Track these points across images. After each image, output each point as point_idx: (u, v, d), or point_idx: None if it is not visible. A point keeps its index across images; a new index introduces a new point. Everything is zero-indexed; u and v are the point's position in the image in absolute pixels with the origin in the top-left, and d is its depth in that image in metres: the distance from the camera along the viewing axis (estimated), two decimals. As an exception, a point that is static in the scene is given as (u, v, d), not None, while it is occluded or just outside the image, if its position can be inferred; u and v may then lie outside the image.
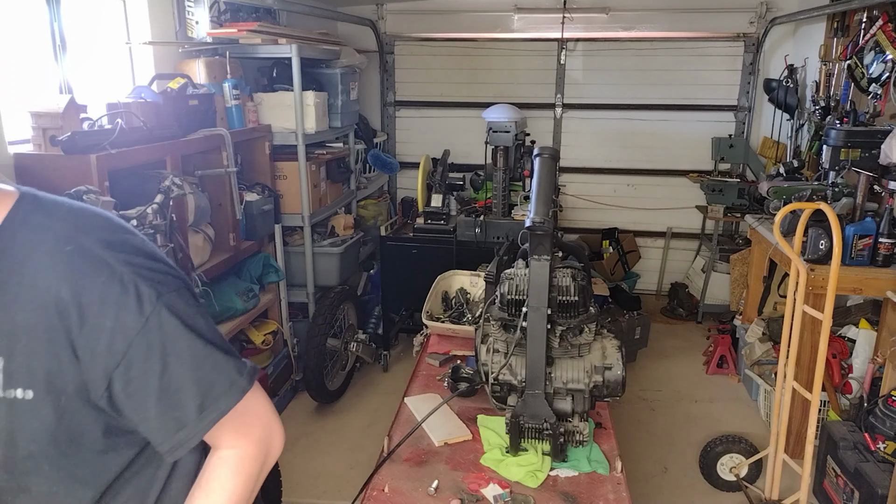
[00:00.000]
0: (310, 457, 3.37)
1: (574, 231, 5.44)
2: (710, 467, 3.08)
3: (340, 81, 4.07)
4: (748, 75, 4.98)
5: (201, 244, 3.01)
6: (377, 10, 5.24)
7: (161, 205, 2.25)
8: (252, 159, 3.58)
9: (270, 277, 3.59)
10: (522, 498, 1.73)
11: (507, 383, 1.93)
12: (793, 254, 2.58)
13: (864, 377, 3.10)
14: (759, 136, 5.06)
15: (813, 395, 2.50)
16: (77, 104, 2.43)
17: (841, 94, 3.77)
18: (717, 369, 4.24)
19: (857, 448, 2.63)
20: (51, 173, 2.26)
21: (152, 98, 2.78)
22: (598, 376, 1.88)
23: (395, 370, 4.34)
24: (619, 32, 5.05)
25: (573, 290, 1.85)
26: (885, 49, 3.29)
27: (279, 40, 3.52)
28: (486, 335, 1.99)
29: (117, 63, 3.15)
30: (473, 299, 3.01)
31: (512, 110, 4.14)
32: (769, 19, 4.73)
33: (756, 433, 3.43)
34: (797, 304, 2.58)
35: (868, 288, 2.99)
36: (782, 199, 3.45)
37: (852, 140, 3.10)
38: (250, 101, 3.54)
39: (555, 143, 5.35)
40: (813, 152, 3.99)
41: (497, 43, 5.22)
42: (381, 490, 1.77)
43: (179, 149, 2.75)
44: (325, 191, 4.04)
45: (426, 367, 2.51)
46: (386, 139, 5.46)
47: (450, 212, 4.35)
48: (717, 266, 4.84)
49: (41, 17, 2.67)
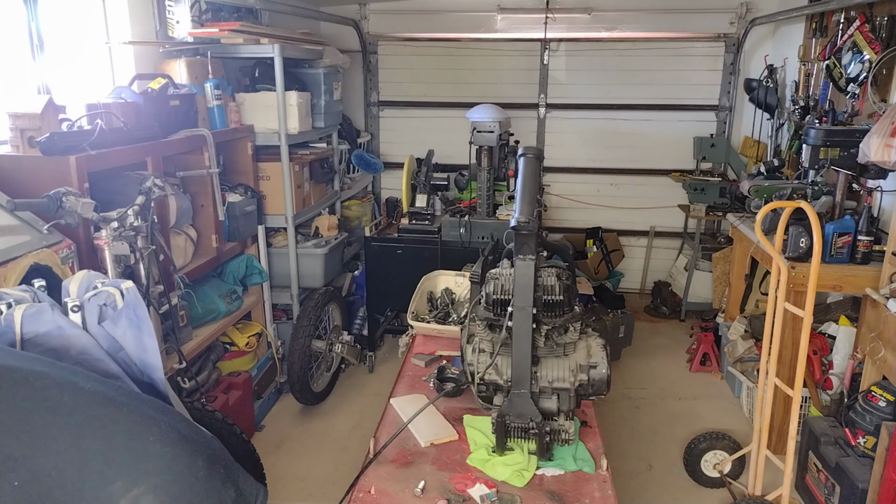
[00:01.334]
0: (295, 459, 3.35)
1: (558, 230, 5.46)
2: (694, 464, 3.11)
3: (323, 81, 4.05)
4: (729, 75, 5.03)
5: (183, 246, 2.98)
6: (360, 9, 5.22)
7: (142, 206, 2.22)
8: (234, 160, 3.55)
9: (254, 279, 3.56)
10: (509, 497, 1.73)
11: (492, 383, 1.93)
12: (774, 252, 2.61)
13: (844, 373, 3.14)
14: (740, 136, 5.11)
15: (794, 392, 2.53)
16: (56, 105, 2.40)
17: (820, 94, 3.82)
18: (700, 367, 4.28)
19: (838, 443, 2.66)
20: (29, 175, 2.23)
21: (133, 98, 2.75)
22: (583, 375, 1.89)
23: (380, 371, 4.33)
24: (602, 33, 5.08)
25: (558, 290, 1.85)
26: (862, 49, 3.34)
27: (261, 40, 3.49)
28: (471, 335, 1.99)
29: (97, 63, 3.11)
30: (458, 299, 3.01)
31: (496, 110, 4.14)
32: (749, 20, 4.79)
33: (739, 430, 3.46)
34: (778, 302, 2.61)
35: (847, 285, 3.04)
36: (763, 197, 3.49)
37: (831, 139, 3.14)
38: (232, 101, 3.51)
39: (539, 143, 5.36)
40: (793, 151, 4.04)
41: (480, 43, 5.22)
42: (368, 492, 1.76)
43: (161, 150, 2.72)
44: (308, 191, 4.02)
45: (412, 368, 2.50)
46: (370, 139, 5.45)
47: (434, 212, 4.35)
48: (699, 264, 4.89)
49: (18, 16, 2.63)
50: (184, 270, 2.87)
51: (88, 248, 2.23)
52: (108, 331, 1.66)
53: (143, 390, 1.65)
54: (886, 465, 2.36)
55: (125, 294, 1.68)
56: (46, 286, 1.76)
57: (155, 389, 1.71)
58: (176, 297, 2.63)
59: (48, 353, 1.59)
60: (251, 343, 3.58)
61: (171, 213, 2.84)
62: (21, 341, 1.58)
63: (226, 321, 3.25)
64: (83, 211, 1.96)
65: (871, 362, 2.79)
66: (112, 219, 2.10)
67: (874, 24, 3.31)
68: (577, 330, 1.91)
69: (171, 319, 2.60)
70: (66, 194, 1.94)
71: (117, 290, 1.69)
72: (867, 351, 2.77)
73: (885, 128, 2.74)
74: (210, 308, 3.14)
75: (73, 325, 1.63)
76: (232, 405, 3.12)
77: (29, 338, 1.58)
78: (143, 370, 1.70)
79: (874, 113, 3.16)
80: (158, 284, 2.44)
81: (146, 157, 2.62)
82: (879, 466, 2.41)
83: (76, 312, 1.66)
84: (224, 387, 3.20)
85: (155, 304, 2.40)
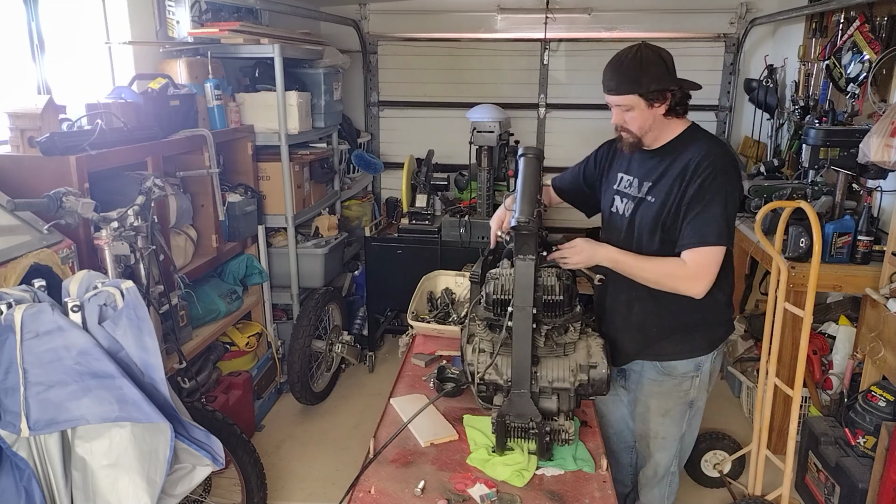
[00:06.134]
0: (295, 459, 3.35)
1: (559, 230, 5.43)
2: (694, 464, 3.11)
3: (324, 81, 4.05)
4: (729, 75, 5.03)
5: (183, 246, 2.98)
6: (360, 9, 5.22)
7: (142, 206, 2.22)
8: (234, 160, 3.55)
9: (254, 279, 3.56)
10: (509, 497, 1.73)
11: (492, 383, 1.93)
12: (774, 252, 2.61)
13: (844, 373, 3.14)
14: (739, 136, 5.11)
15: (794, 392, 2.53)
16: (56, 105, 2.40)
17: (819, 94, 3.82)
18: (700, 367, 4.27)
19: (838, 443, 2.66)
20: (29, 175, 2.23)
21: (133, 98, 2.75)
22: (583, 375, 1.88)
23: (380, 371, 4.33)
24: (602, 33, 5.07)
25: (558, 290, 1.85)
26: (862, 49, 3.34)
27: (261, 40, 3.49)
28: (471, 335, 1.99)
29: (97, 63, 3.11)
30: (459, 299, 3.01)
31: (496, 110, 4.14)
32: (749, 20, 4.78)
33: (739, 430, 3.46)
34: (778, 302, 2.62)
35: (847, 285, 3.04)
36: (763, 197, 3.49)
37: (831, 139, 3.14)
38: (232, 101, 3.51)
39: (539, 143, 5.36)
40: (793, 151, 4.03)
41: (480, 43, 5.22)
42: (368, 491, 1.76)
43: (161, 150, 2.72)
44: (308, 191, 4.02)
45: (412, 368, 2.50)
46: (370, 139, 5.44)
47: (434, 212, 4.35)
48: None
49: (18, 16, 2.63)
50: (184, 270, 2.87)
51: (88, 248, 2.23)
52: (109, 331, 1.67)
53: (143, 390, 1.65)
54: (886, 465, 2.37)
55: (125, 294, 1.69)
56: (46, 286, 1.76)
57: (156, 389, 1.72)
58: (176, 297, 2.63)
59: (48, 353, 1.60)
60: (251, 343, 3.58)
61: (171, 213, 2.84)
62: (21, 341, 1.58)
63: (226, 321, 3.25)
64: (83, 211, 1.96)
65: (871, 362, 2.79)
66: (112, 219, 2.10)
67: (874, 25, 3.31)
68: (577, 330, 1.91)
69: (171, 319, 2.60)
70: (67, 194, 1.94)
71: (117, 290, 1.69)
72: (867, 351, 2.77)
73: (885, 128, 2.74)
74: (210, 308, 3.14)
75: (73, 325, 1.63)
76: (232, 405, 3.12)
77: (29, 338, 1.59)
78: (144, 370, 1.70)
79: (874, 113, 3.16)
80: (158, 284, 2.44)
81: (146, 157, 2.62)
82: (879, 466, 2.41)
83: (76, 312, 1.66)
84: (224, 387, 3.20)
85: (155, 304, 2.40)
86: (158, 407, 1.66)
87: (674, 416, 2.20)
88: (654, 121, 2.01)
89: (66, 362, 1.60)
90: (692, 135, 2.05)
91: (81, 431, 1.65)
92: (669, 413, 2.20)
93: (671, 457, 2.27)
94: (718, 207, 1.90)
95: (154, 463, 1.70)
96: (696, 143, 2.00)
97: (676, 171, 1.97)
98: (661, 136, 2.07)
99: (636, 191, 2.10)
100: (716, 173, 1.92)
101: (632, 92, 1.96)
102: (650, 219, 2.02)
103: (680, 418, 2.21)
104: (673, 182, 1.97)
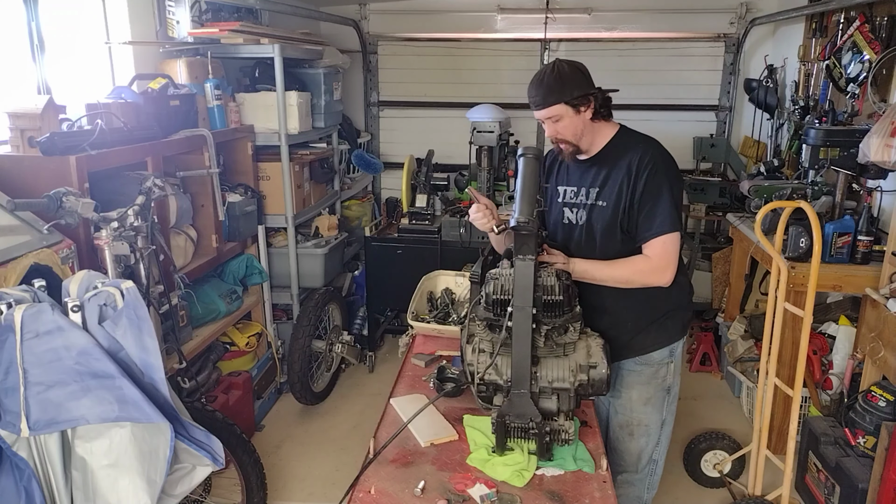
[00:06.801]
0: (295, 459, 3.35)
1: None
2: (694, 464, 3.11)
3: (324, 81, 4.05)
4: (729, 75, 5.03)
5: (183, 246, 2.98)
6: (360, 9, 5.22)
7: (142, 206, 2.22)
8: (234, 160, 3.55)
9: (254, 279, 3.56)
10: (509, 497, 1.73)
11: (492, 383, 1.93)
12: (774, 252, 2.61)
13: (844, 373, 3.14)
14: (739, 136, 5.11)
15: (794, 392, 2.53)
16: (56, 105, 2.40)
17: (819, 94, 3.82)
18: (699, 367, 4.28)
19: (838, 443, 2.66)
20: (29, 175, 2.23)
21: (133, 98, 2.75)
22: (582, 375, 1.88)
23: (380, 371, 4.33)
24: (602, 33, 5.07)
25: (558, 290, 1.85)
26: (862, 49, 3.34)
27: (261, 40, 3.49)
28: (471, 335, 1.99)
29: (97, 63, 3.11)
30: (458, 299, 3.01)
31: (496, 110, 4.14)
32: (749, 20, 4.79)
33: (739, 429, 3.46)
34: (778, 302, 2.62)
35: (847, 285, 3.04)
36: (763, 197, 3.49)
37: (831, 139, 3.14)
38: (232, 101, 3.51)
39: (539, 143, 5.35)
40: (793, 151, 4.04)
41: (480, 43, 5.22)
42: (368, 492, 1.76)
43: (161, 150, 2.72)
44: (308, 191, 4.02)
45: (412, 368, 2.50)
46: (370, 139, 5.45)
47: (434, 212, 4.35)
48: (699, 264, 4.88)
49: (18, 16, 2.63)
50: (184, 270, 2.87)
51: (88, 248, 2.23)
52: (109, 331, 1.66)
53: (143, 390, 1.65)
54: (886, 465, 2.36)
55: (125, 294, 1.69)
56: (46, 286, 1.76)
57: (156, 389, 1.72)
58: (176, 297, 2.63)
59: (48, 353, 1.60)
60: (251, 343, 3.58)
61: (171, 213, 2.84)
62: (21, 341, 1.58)
63: (226, 321, 3.25)
64: (83, 211, 1.96)
65: (871, 362, 2.79)
66: (112, 219, 2.10)
67: (874, 25, 3.31)
68: (576, 330, 1.91)
69: (171, 319, 2.60)
70: (67, 194, 1.94)
71: (117, 290, 1.69)
72: (867, 351, 2.77)
73: (885, 128, 2.74)
74: (210, 308, 3.14)
75: (73, 325, 1.63)
76: (232, 405, 3.12)
77: (29, 338, 1.59)
78: (144, 370, 1.70)
79: (874, 113, 3.16)
80: (158, 284, 2.44)
81: (146, 157, 2.62)
82: (879, 466, 2.41)
83: (76, 312, 1.66)
84: (224, 387, 3.20)
85: (155, 304, 2.40)
86: (158, 407, 1.66)
87: (655, 404, 2.30)
88: (584, 126, 2.11)
89: (66, 362, 1.59)
90: (625, 137, 2.18)
91: (81, 431, 1.65)
92: (650, 401, 2.29)
93: (653, 444, 2.36)
94: (666, 198, 2.04)
95: (154, 463, 1.70)
96: (632, 143, 2.14)
97: (622, 174, 2.10)
98: (597, 141, 2.17)
99: (584, 198, 2.20)
100: (657, 168, 2.06)
101: (557, 102, 2.05)
102: (607, 221, 2.14)
103: (660, 405, 2.31)
104: (621, 184, 2.10)
